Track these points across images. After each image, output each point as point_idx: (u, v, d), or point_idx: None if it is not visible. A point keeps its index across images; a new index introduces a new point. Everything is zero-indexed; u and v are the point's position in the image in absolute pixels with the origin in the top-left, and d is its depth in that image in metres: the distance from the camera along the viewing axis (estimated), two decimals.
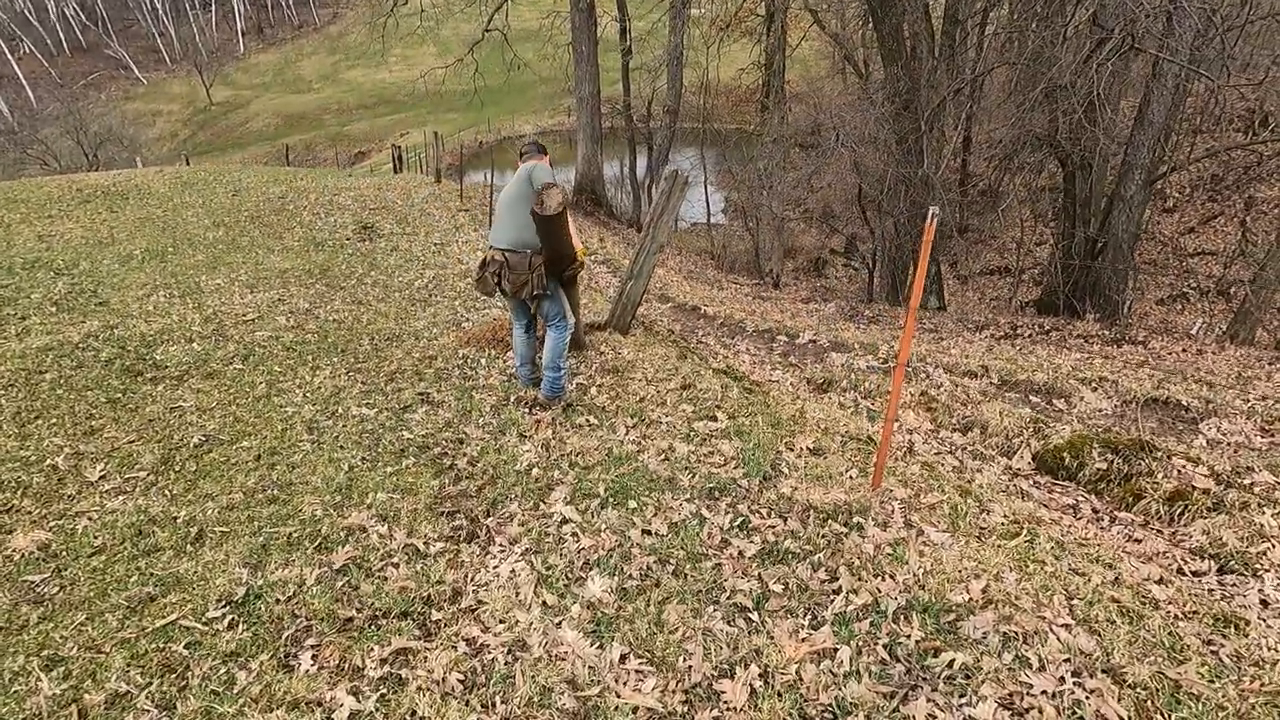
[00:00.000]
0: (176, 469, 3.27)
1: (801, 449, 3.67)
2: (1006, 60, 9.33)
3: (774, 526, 2.90)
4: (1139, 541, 3.13)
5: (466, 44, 18.79)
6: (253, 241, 9.03)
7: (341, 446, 3.55)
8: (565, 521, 2.94)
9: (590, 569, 2.60)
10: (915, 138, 8.86)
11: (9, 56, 56.16)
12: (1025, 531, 2.88)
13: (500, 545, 2.75)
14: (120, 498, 3.02)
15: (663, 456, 3.62)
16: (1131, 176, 8.02)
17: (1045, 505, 3.53)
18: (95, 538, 2.71)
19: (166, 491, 3.07)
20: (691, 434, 3.91)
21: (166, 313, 5.75)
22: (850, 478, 3.30)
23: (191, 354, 4.83)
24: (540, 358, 4.31)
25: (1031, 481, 3.84)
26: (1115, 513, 3.48)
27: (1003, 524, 2.94)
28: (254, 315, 5.88)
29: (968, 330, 9.22)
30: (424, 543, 2.73)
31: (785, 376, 5.97)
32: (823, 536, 2.78)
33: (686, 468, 3.47)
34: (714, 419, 4.13)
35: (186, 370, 4.54)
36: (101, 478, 3.17)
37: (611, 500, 3.13)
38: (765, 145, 13.90)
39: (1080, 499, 3.63)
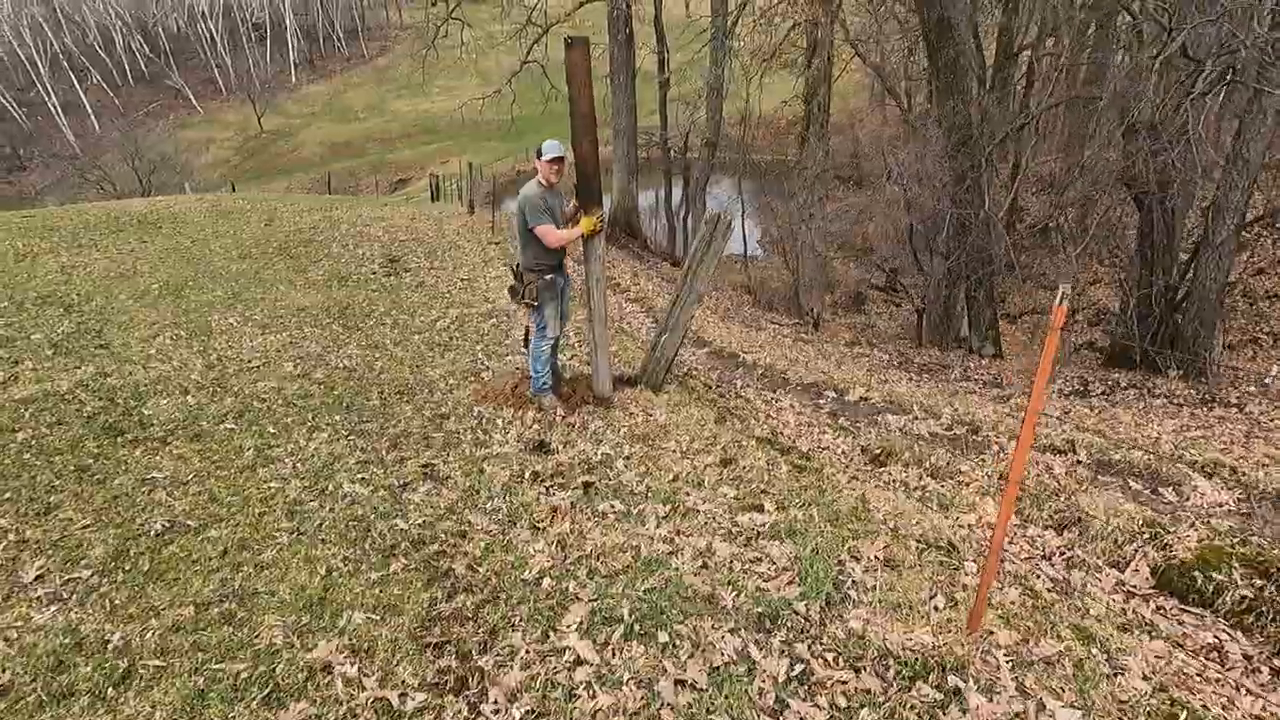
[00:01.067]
0: (127, 568, 2.78)
1: (870, 558, 3.03)
2: (1080, 94, 8.66)
3: (845, 683, 2.26)
4: None
5: (507, 75, 18.76)
6: (276, 275, 8.76)
7: (323, 540, 3.03)
8: (579, 663, 2.36)
9: None
10: (976, 175, 8.21)
11: (78, 87, 59.18)
12: (1175, 705, 2.20)
13: (495, 703, 2.17)
14: (53, 608, 2.53)
15: (700, 561, 3.02)
16: (1222, 220, 7.23)
17: (1179, 644, 2.82)
18: (3, 671, 2.21)
19: (108, 601, 2.58)
20: (735, 530, 3.30)
21: (168, 357, 5.38)
22: (935, 609, 2.65)
23: (183, 409, 4.41)
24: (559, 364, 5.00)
25: (1154, 606, 3.12)
26: (1274, 660, 2.75)
27: (1145, 692, 2.26)
28: (260, 362, 5.49)
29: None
30: (400, 694, 2.17)
31: (837, 443, 5.32)
32: (911, 707, 2.14)
33: (729, 581, 2.86)
34: (760, 509, 3.52)
35: (173, 430, 4.11)
36: (38, 578, 2.70)
37: (637, 628, 2.54)
38: (807, 179, 13.38)
39: (1223, 636, 2.90)
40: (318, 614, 2.53)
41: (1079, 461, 4.73)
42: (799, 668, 2.35)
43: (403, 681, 2.23)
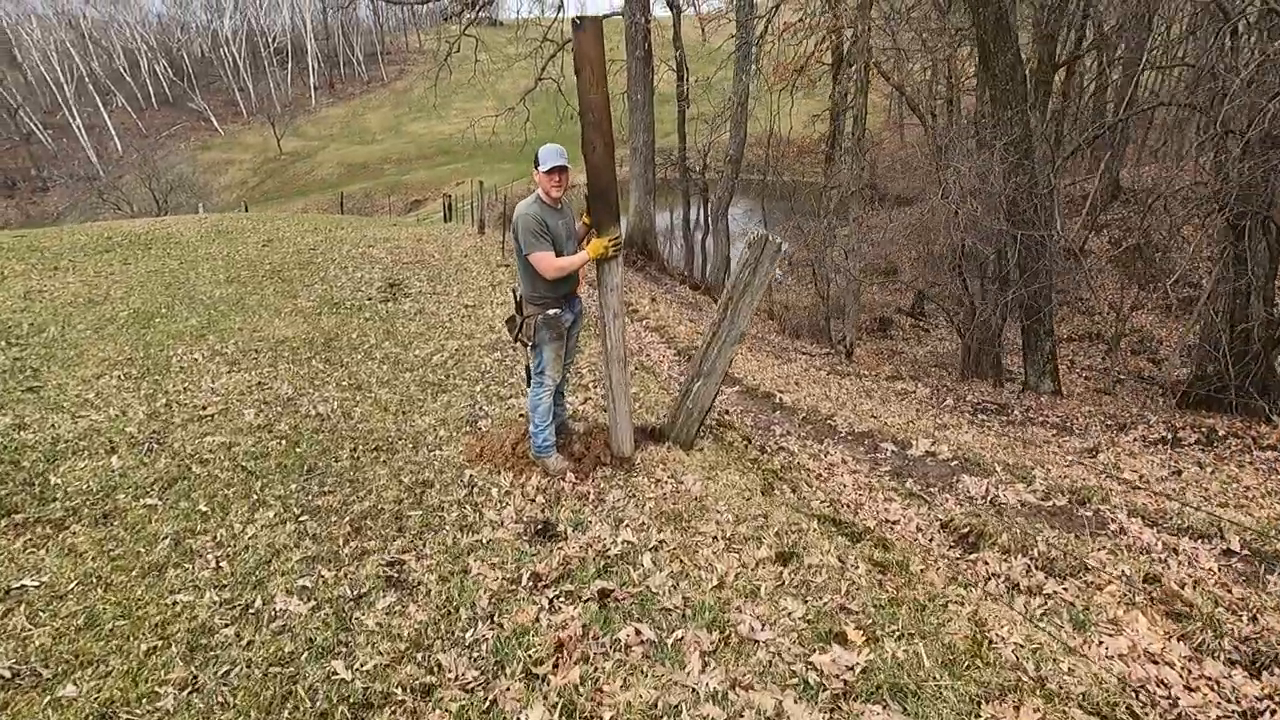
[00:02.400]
0: None
1: None
2: (1174, 100, 7.72)
3: None
4: None
5: (524, 98, 18.19)
6: (262, 301, 7.97)
7: (224, 702, 2.10)
8: None
9: None
10: (1042, 193, 7.27)
11: (102, 110, 60.04)
12: None
13: None
14: None
15: None
16: None
17: None
18: None
19: None
20: (811, 679, 2.34)
21: (107, 403, 4.53)
22: None
23: (101, 477, 3.54)
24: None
25: None
26: None
27: None
28: (216, 408, 4.62)
29: (1110, 429, 7.37)
30: None
31: (908, 515, 4.33)
32: None
33: None
34: (843, 640, 2.55)
35: (77, 508, 3.23)
36: None
37: None
38: (836, 199, 12.50)
39: None
40: None
41: (1230, 551, 3.71)
42: None
43: None
